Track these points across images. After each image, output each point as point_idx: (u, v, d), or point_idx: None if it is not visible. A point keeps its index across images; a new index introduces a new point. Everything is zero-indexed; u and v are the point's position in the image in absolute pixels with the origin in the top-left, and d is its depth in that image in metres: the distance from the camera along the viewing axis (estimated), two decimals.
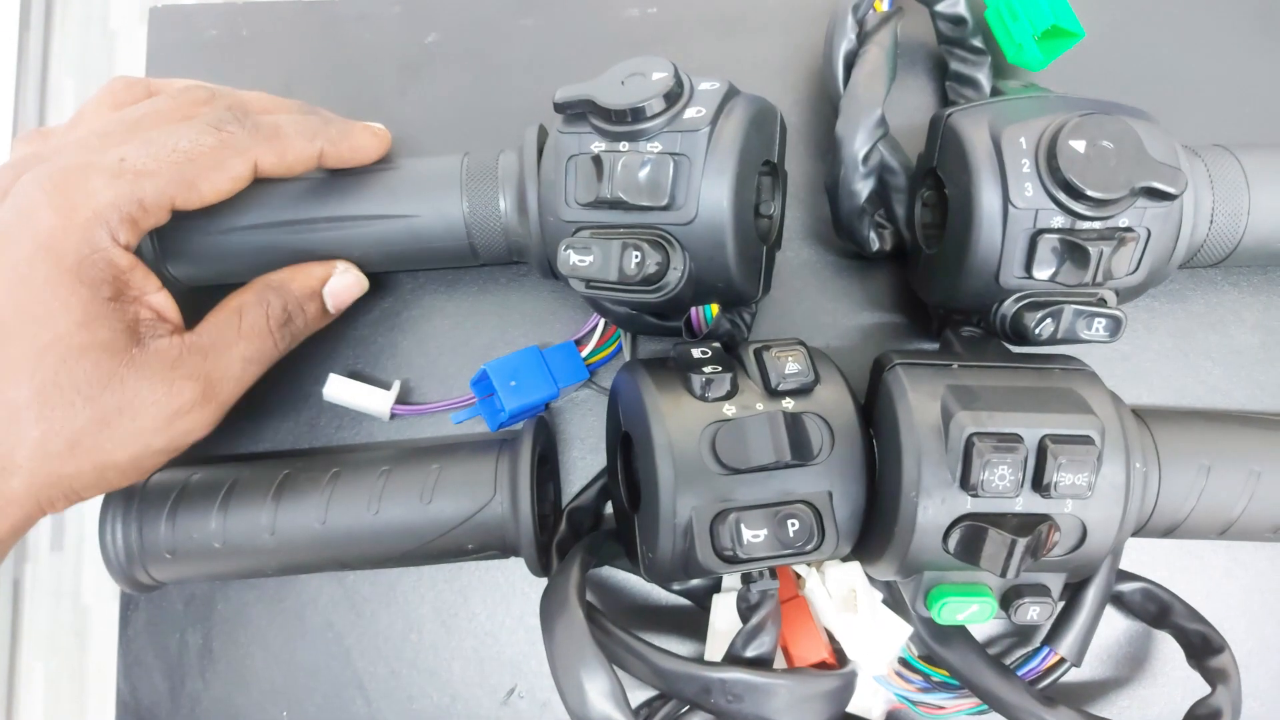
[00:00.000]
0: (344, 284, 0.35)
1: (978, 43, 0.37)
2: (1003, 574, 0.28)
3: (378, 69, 0.41)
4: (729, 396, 0.30)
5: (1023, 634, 0.37)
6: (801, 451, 0.29)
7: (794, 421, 0.29)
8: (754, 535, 0.29)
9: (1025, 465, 0.28)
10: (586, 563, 0.33)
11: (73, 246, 0.29)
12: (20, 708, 1.25)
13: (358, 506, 0.33)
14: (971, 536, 0.29)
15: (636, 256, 0.29)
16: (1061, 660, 0.34)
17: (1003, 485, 0.28)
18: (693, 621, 0.37)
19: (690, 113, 0.30)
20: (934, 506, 0.29)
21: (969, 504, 0.29)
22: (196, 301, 0.33)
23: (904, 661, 0.35)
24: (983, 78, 0.38)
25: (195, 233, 0.34)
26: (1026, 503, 0.29)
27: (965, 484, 0.28)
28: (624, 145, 0.30)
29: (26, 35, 1.43)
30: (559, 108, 0.31)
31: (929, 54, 0.40)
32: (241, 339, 0.32)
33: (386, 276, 0.39)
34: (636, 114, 0.29)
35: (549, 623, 0.31)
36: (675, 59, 0.31)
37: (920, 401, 0.29)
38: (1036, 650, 0.34)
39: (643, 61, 0.30)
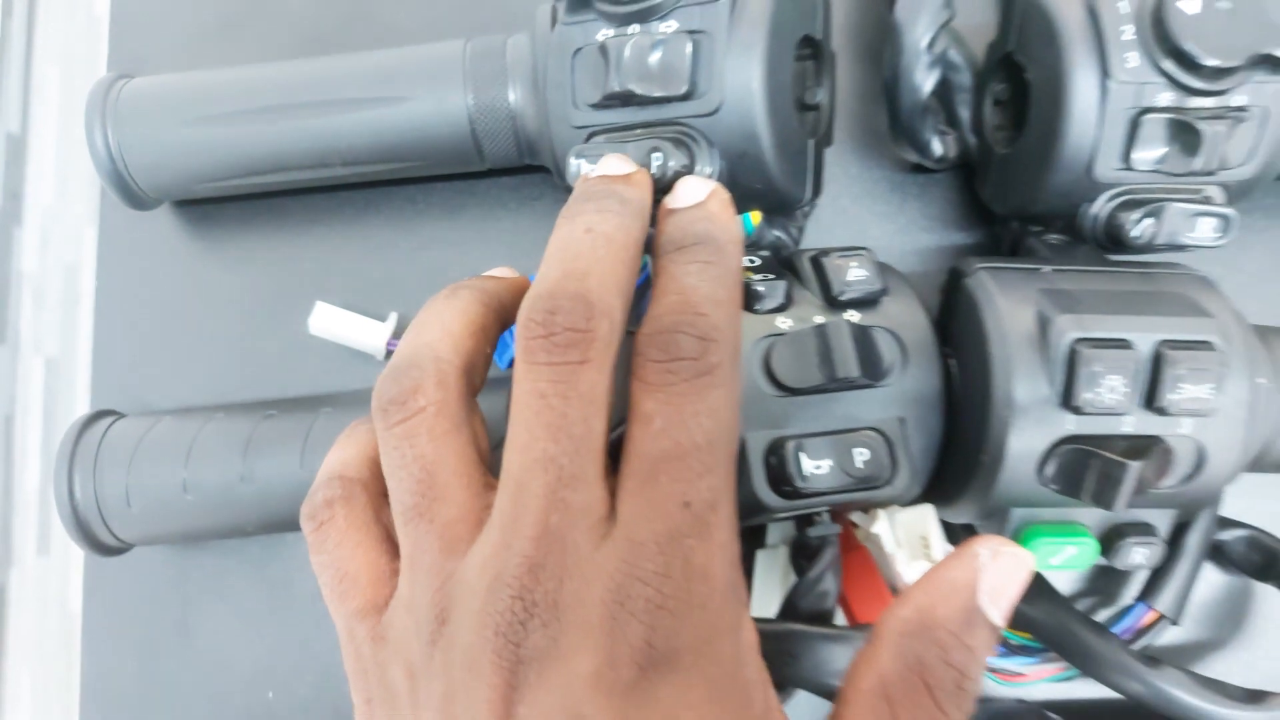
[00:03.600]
0: (1003, 574, 0.19)
1: None
2: (1111, 507, 0.23)
3: None
4: (783, 308, 0.26)
5: (1105, 591, 0.33)
6: (871, 369, 0.25)
7: (861, 334, 0.25)
8: (817, 467, 0.24)
9: (1138, 376, 0.24)
10: None
11: None
12: (7, 716, 1.21)
13: None
14: (1075, 462, 0.24)
15: (658, 158, 0.25)
16: (1160, 617, 0.30)
17: (1113, 400, 0.24)
18: None
19: None
20: (1030, 428, 0.24)
21: (1071, 424, 0.24)
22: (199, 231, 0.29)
23: None
24: None
25: (154, 125, 0.30)
26: (1138, 422, 0.24)
27: (1067, 400, 0.24)
28: (635, 28, 0.26)
29: (9, 23, 1.39)
30: None
31: None
32: None
33: (383, 201, 0.35)
34: None
35: None
36: None
37: (1011, 307, 0.25)
38: (1129, 607, 0.30)
39: None
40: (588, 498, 0.18)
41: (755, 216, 0.29)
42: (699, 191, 0.22)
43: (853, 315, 0.26)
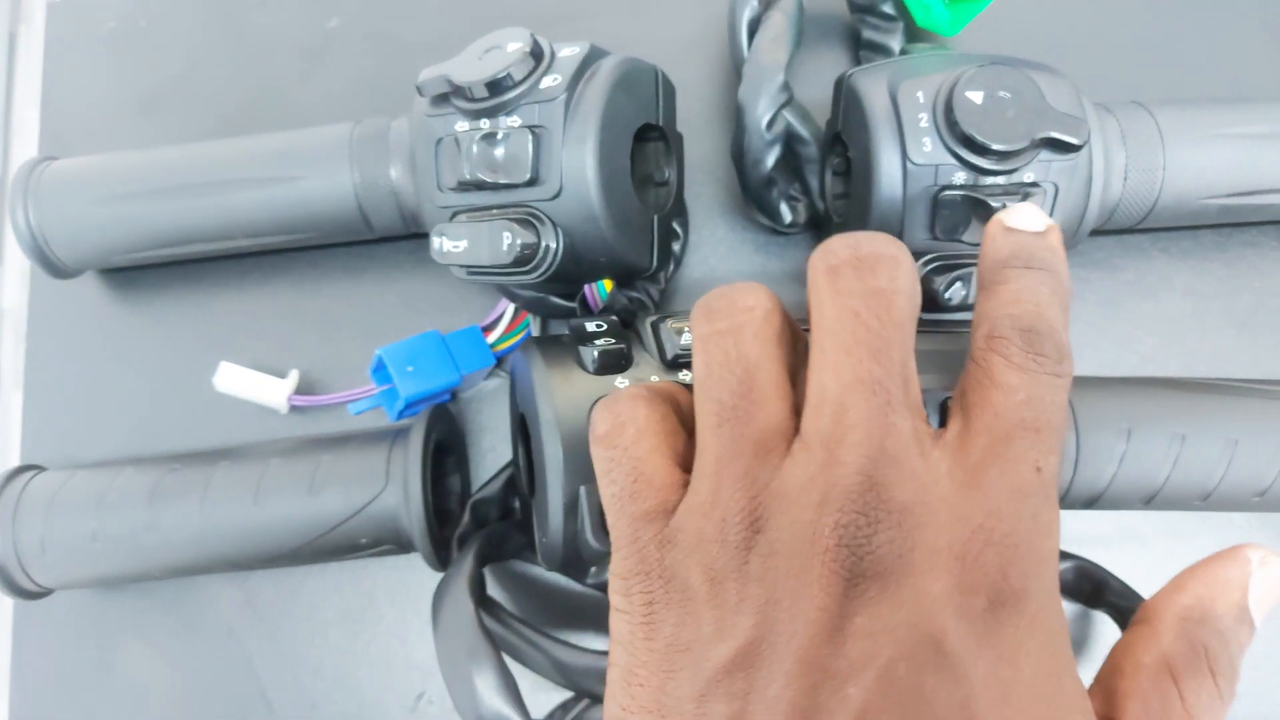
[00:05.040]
0: (1269, 580, 0.21)
1: (889, 9, 0.36)
2: None
3: (279, 56, 0.40)
4: (622, 369, 0.29)
5: None
6: None
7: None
8: None
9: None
10: (483, 554, 0.32)
11: None
12: None
13: (239, 498, 0.31)
14: None
15: (507, 237, 0.28)
16: None
17: None
18: None
19: (546, 81, 0.28)
20: None
21: None
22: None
23: None
24: (894, 45, 0.37)
25: (72, 203, 0.33)
26: None
27: None
28: (485, 123, 0.29)
29: None
30: (421, 90, 0.30)
31: (843, 24, 0.39)
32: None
33: (288, 265, 0.38)
34: (493, 88, 0.28)
35: (437, 616, 0.30)
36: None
37: None
38: None
39: (502, 34, 0.29)
40: (917, 426, 0.19)
41: (608, 284, 0.32)
42: (1040, 221, 0.22)
43: (685, 375, 0.29)
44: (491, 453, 0.37)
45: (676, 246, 0.35)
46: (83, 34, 0.41)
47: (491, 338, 0.36)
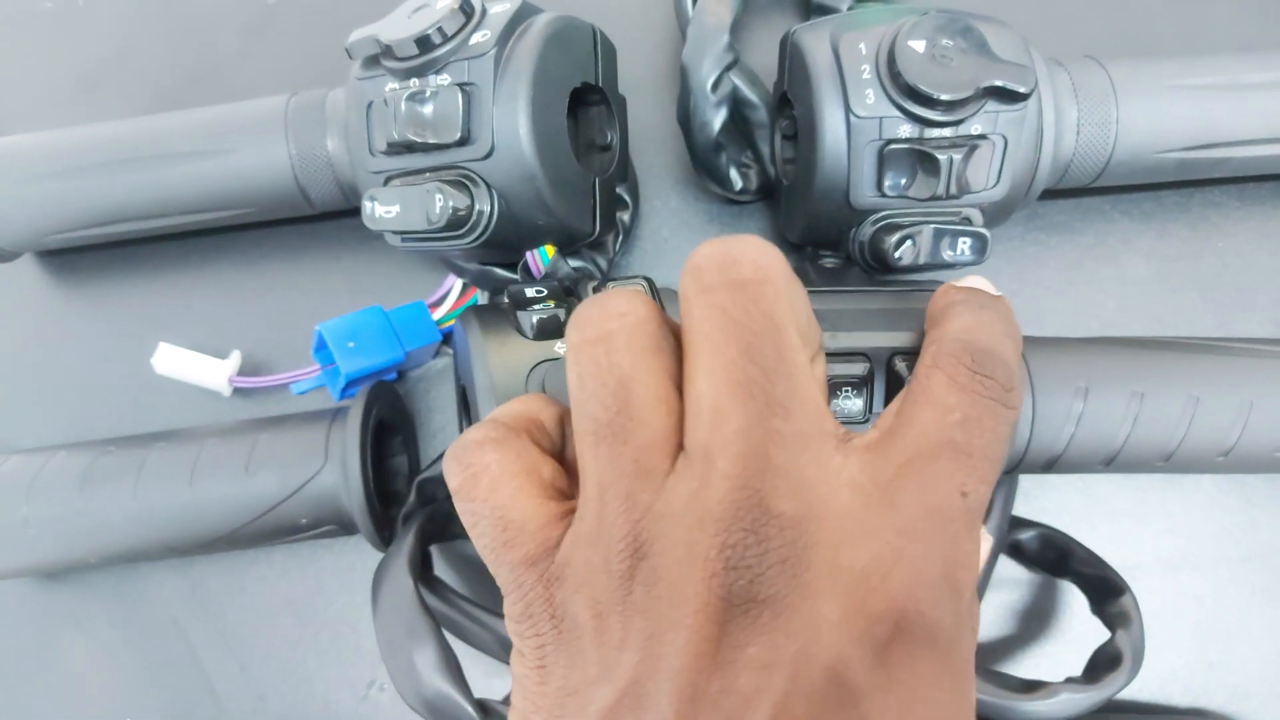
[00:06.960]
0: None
1: None
2: None
3: (219, 33, 0.39)
4: (562, 335, 0.28)
5: None
6: None
7: None
8: None
9: (871, 385, 0.26)
10: (427, 532, 0.31)
11: None
12: None
13: (173, 479, 0.30)
14: None
15: (439, 200, 0.27)
16: None
17: (850, 409, 0.26)
18: None
19: (476, 37, 0.28)
20: None
21: None
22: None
23: None
24: (844, 8, 0.36)
25: (3, 183, 0.32)
26: None
27: None
28: (414, 82, 0.28)
29: None
30: (351, 52, 0.29)
31: None
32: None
33: (229, 245, 0.37)
34: (421, 45, 0.27)
35: (376, 595, 0.29)
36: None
37: None
38: None
39: None
40: (809, 429, 0.17)
41: (550, 250, 0.31)
42: (992, 288, 0.24)
43: None
44: (441, 433, 0.36)
45: (625, 216, 0.34)
46: (20, 14, 0.40)
47: (438, 314, 0.35)
